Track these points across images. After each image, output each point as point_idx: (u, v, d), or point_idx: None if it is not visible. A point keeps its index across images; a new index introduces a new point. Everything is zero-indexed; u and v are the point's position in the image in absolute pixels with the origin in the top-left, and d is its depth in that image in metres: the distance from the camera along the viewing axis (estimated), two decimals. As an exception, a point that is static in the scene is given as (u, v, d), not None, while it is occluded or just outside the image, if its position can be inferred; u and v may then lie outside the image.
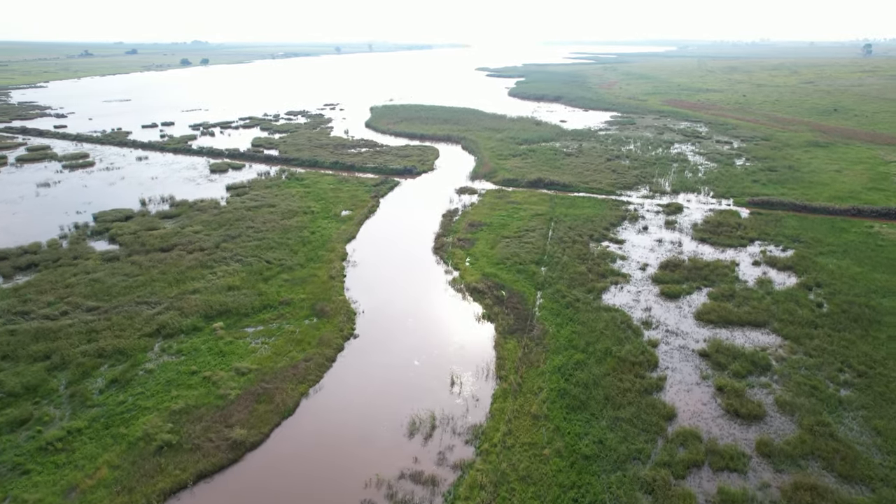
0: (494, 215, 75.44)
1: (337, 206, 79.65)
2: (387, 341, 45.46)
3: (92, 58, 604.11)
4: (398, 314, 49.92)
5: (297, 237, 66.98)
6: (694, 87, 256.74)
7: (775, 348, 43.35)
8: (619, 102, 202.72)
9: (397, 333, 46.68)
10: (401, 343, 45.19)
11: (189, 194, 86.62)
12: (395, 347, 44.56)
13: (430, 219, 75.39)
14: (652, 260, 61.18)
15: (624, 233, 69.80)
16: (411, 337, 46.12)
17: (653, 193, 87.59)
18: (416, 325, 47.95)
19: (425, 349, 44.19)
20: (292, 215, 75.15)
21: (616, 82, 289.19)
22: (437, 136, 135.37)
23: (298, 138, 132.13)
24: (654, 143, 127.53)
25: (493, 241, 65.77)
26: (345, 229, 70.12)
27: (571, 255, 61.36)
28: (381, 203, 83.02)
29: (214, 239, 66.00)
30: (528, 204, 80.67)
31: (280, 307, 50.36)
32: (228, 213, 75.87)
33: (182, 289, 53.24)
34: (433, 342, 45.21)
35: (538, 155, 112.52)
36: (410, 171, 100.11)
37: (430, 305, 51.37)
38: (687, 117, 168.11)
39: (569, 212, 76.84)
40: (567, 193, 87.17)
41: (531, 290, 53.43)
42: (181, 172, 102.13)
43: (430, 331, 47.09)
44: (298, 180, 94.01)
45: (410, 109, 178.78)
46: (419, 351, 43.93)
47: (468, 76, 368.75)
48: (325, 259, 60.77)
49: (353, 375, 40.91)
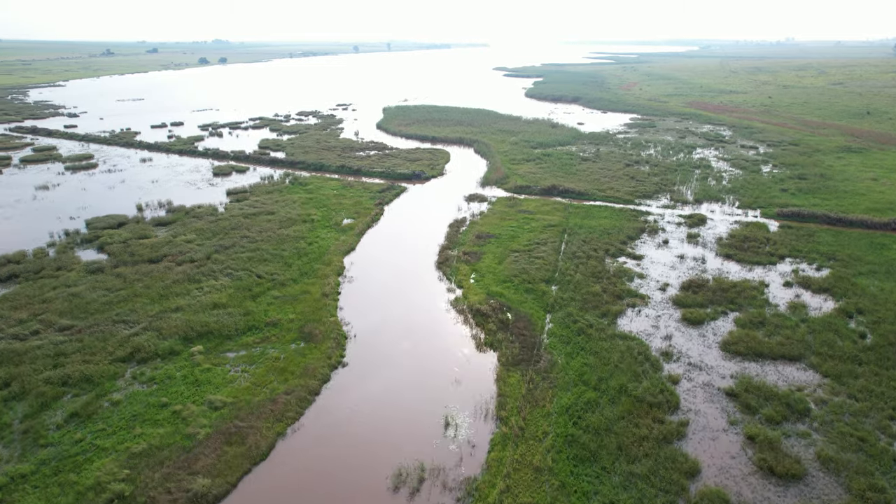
0: (504, 226, 71.01)
1: (339, 215, 75.82)
2: (377, 372, 41.34)
3: (113, 57, 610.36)
4: (393, 339, 45.78)
5: (293, 248, 63.22)
6: (717, 88, 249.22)
7: (814, 388, 38.40)
8: (638, 104, 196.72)
9: (390, 362, 42.54)
10: (393, 374, 41.05)
11: (187, 199, 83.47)
12: (385, 379, 40.42)
13: (435, 229, 71.22)
14: (673, 279, 56.30)
15: (643, 247, 64.91)
16: (405, 367, 41.96)
17: (674, 203, 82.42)
18: (411, 353, 43.78)
19: (419, 382, 39.99)
20: (291, 224, 71.48)
21: (636, 83, 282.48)
22: (450, 138, 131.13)
23: (307, 140, 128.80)
24: (675, 147, 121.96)
25: (501, 256, 61.37)
26: (344, 240, 66.22)
27: (585, 273, 56.71)
28: (386, 211, 79.00)
29: (206, 249, 62.50)
30: (541, 213, 76.07)
31: (266, 329, 46.54)
32: (225, 220, 72.43)
33: (164, 306, 49.69)
34: (428, 374, 40.98)
35: (553, 160, 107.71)
36: (419, 177, 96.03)
37: (428, 330, 47.15)
38: (710, 120, 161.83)
39: (584, 223, 72.12)
40: (582, 202, 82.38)
41: (540, 312, 48.97)
42: (183, 175, 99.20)
43: (426, 360, 42.87)
44: (302, 185, 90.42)
45: (423, 111, 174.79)
46: (412, 385, 39.75)
47: (485, 76, 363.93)
48: (320, 274, 56.89)
49: (337, 413, 36.85)
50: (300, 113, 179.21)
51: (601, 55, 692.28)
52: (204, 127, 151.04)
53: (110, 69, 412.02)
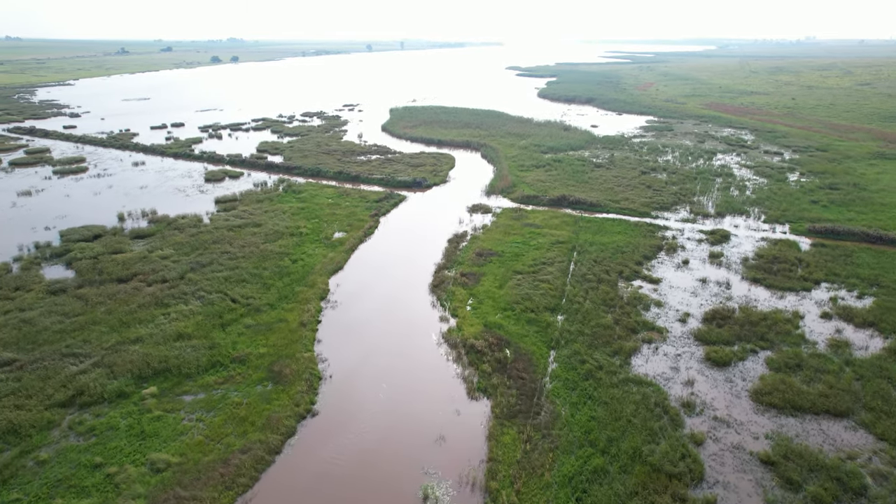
0: (508, 242, 65.14)
1: (330, 227, 70.42)
2: (351, 424, 35.77)
3: (128, 55, 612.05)
4: (373, 380, 40.19)
5: (274, 267, 57.88)
6: (737, 89, 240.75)
7: (868, 455, 32.20)
8: (655, 106, 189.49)
9: (366, 411, 36.94)
10: (368, 427, 35.44)
11: (173, 208, 78.59)
12: (359, 434, 34.82)
13: (433, 244, 65.55)
14: (694, 308, 50.13)
15: (660, 268, 58.72)
16: (383, 418, 36.33)
17: (694, 216, 75.98)
18: (392, 400, 38.15)
19: (398, 438, 34.36)
20: (277, 238, 66.19)
21: (652, 84, 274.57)
22: (456, 142, 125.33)
23: (307, 143, 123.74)
24: (694, 153, 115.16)
25: (502, 278, 55.54)
26: (332, 258, 60.76)
27: (595, 300, 50.71)
28: (382, 223, 73.47)
29: (181, 267, 57.37)
30: (549, 228, 70.08)
31: (232, 366, 41.19)
32: (207, 233, 67.34)
33: (123, 336, 44.55)
34: (410, 427, 35.32)
35: (564, 166, 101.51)
36: (419, 184, 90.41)
37: (414, 370, 41.48)
38: (730, 123, 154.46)
39: (595, 239, 66.03)
40: (594, 214, 76.23)
41: (543, 349, 43.12)
42: (174, 181, 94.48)
43: (409, 409, 37.23)
44: (295, 193, 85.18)
45: (431, 112, 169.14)
46: (390, 441, 34.12)
47: (498, 75, 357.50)
48: (301, 298, 51.46)
49: (297, 479, 31.33)
50: (304, 114, 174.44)
51: (617, 54, 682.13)
52: (204, 128, 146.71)
53: (122, 68, 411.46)
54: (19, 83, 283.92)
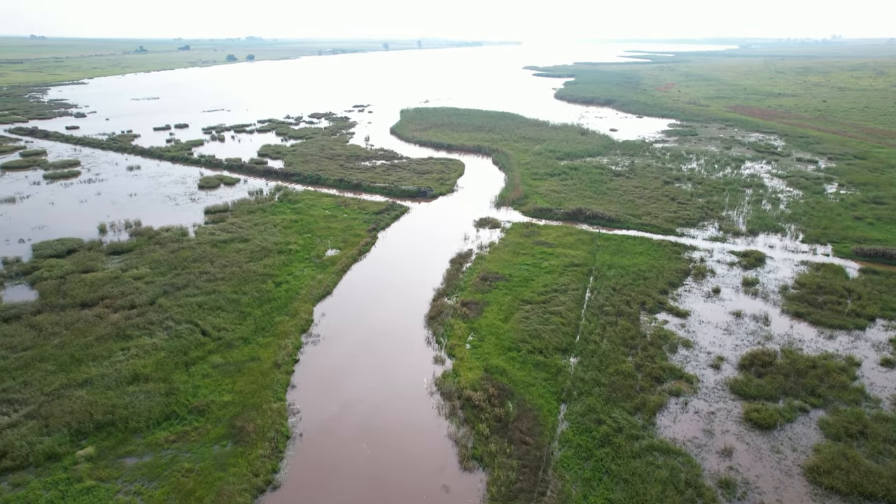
0: (517, 264, 58.76)
1: (323, 243, 64.61)
2: (317, 502, 29.76)
3: (145, 54, 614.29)
4: (350, 441, 34.14)
5: (255, 292, 52.15)
6: (763, 90, 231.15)
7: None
8: (677, 108, 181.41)
9: (338, 483, 30.92)
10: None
11: (158, 219, 73.40)
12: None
13: (433, 265, 59.41)
14: (728, 349, 43.40)
15: (688, 298, 51.94)
16: (357, 492, 30.27)
17: (723, 234, 68.90)
18: (369, 469, 32.06)
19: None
20: (263, 255, 60.51)
21: (674, 84, 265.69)
22: (466, 147, 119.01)
23: (311, 147, 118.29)
24: (720, 160, 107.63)
25: (508, 308, 49.21)
26: (320, 280, 54.87)
27: (614, 339, 44.19)
28: (380, 238, 67.47)
29: (154, 290, 51.91)
30: (563, 247, 63.55)
31: (189, 418, 35.46)
32: (189, 249, 61.89)
33: (71, 377, 39.07)
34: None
35: (581, 175, 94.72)
36: (424, 194, 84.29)
37: (400, 428, 35.35)
38: (757, 127, 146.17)
39: (614, 261, 59.38)
40: (613, 231, 69.54)
41: (552, 403, 36.77)
42: (166, 188, 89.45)
43: (389, 481, 31.12)
44: (291, 203, 79.56)
45: (443, 114, 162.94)
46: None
47: (514, 75, 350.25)
48: (280, 330, 45.63)
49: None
50: (313, 115, 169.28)
51: (637, 54, 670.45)
52: (208, 130, 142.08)
53: (138, 67, 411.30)
54: (35, 82, 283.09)
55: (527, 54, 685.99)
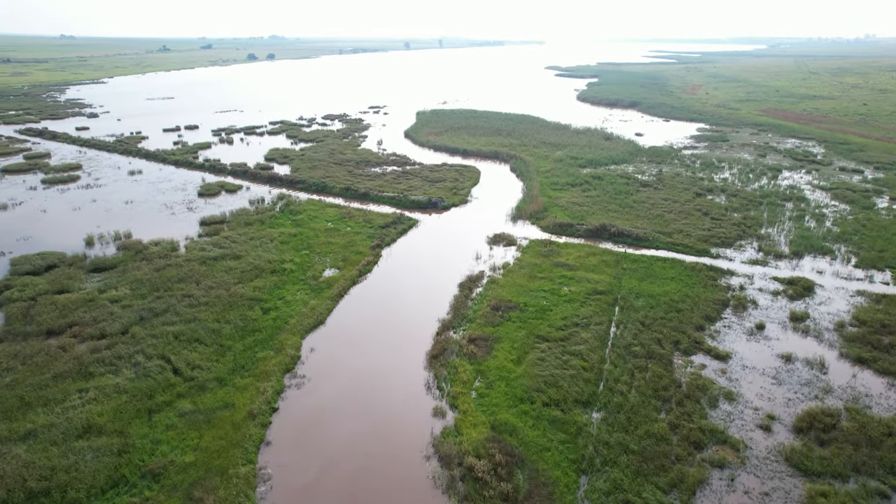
0: (533, 290, 52.66)
1: (321, 262, 59.20)
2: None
3: (168, 53, 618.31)
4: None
5: (240, 320, 46.88)
6: (796, 92, 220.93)
7: None
8: (706, 111, 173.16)
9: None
10: None
11: (150, 230, 68.80)
12: None
13: (440, 290, 53.61)
14: (779, 404, 36.89)
15: (728, 336, 45.40)
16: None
17: (764, 256, 61.97)
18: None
19: None
20: (255, 276, 55.28)
21: (701, 86, 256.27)
22: (483, 152, 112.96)
23: (320, 151, 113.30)
24: (755, 169, 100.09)
25: (522, 346, 43.21)
26: (314, 307, 49.41)
27: (644, 389, 37.95)
28: (383, 257, 61.86)
29: (129, 316, 46.98)
30: (585, 270, 57.25)
31: (141, 485, 30.18)
32: (175, 267, 56.94)
33: (14, 427, 34.07)
34: None
35: (605, 185, 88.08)
36: (435, 205, 78.52)
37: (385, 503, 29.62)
38: (793, 132, 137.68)
39: (643, 288, 52.96)
40: (641, 251, 63.06)
41: (570, 475, 30.73)
42: (164, 195, 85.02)
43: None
44: (292, 214, 74.40)
45: (460, 116, 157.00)
46: None
47: (536, 76, 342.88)
48: (261, 369, 40.23)
49: None
50: (326, 116, 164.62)
51: (661, 54, 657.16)
52: (217, 131, 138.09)
53: (158, 66, 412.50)
54: (55, 81, 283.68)
55: (549, 54, 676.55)
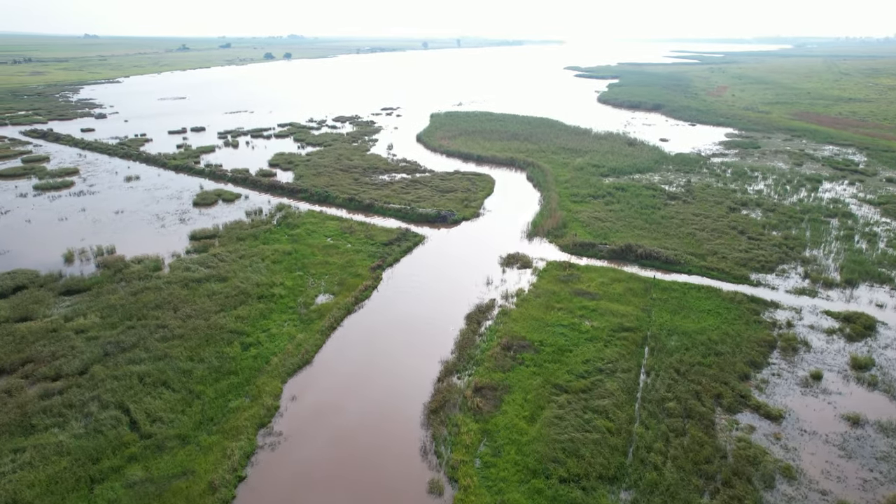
0: (550, 324, 46.40)
1: (315, 286, 53.50)
2: None
3: (187, 52, 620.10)
4: None
5: (216, 357, 41.31)
6: (829, 95, 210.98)
7: None
8: (733, 114, 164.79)
9: None
10: None
11: (136, 245, 63.76)
12: None
13: (445, 322, 47.60)
14: (852, 487, 30.28)
15: (778, 388, 38.73)
16: None
17: (811, 284, 54.96)
18: None
19: None
20: (239, 302, 49.72)
21: (726, 88, 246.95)
22: (498, 158, 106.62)
23: (327, 156, 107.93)
24: (791, 180, 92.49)
25: (536, 399, 37.02)
26: (301, 342, 43.68)
27: (682, 460, 31.53)
28: (384, 280, 55.95)
29: (93, 351, 41.70)
30: (609, 299, 50.81)
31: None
32: (154, 290, 51.65)
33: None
34: None
35: (629, 197, 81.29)
36: (444, 219, 72.50)
37: None
38: (830, 138, 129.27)
39: (676, 324, 46.42)
40: (671, 276, 56.42)
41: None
42: (158, 204, 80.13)
43: None
44: (289, 228, 68.91)
45: (476, 119, 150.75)
46: None
47: (555, 76, 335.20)
48: (232, 424, 34.53)
49: None
50: (337, 118, 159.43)
51: (683, 54, 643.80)
52: (223, 134, 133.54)
53: (175, 65, 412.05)
54: (72, 80, 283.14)
55: (568, 54, 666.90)
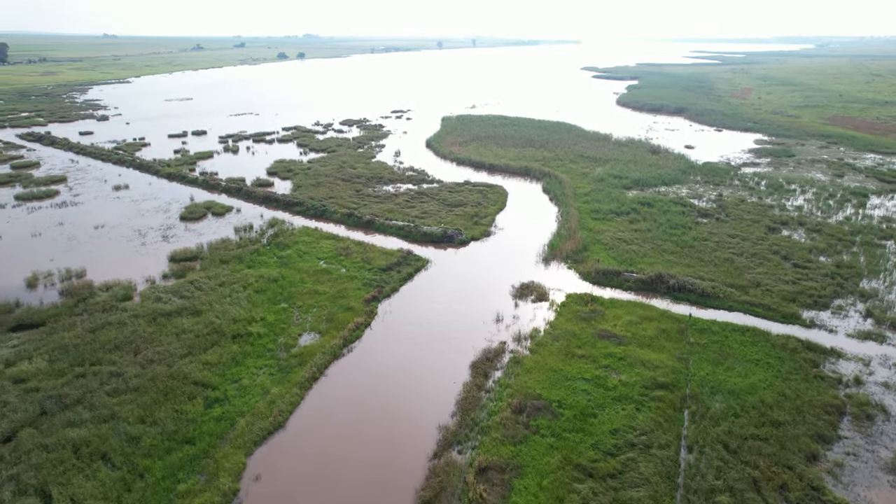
0: (571, 377, 39.20)
1: (300, 322, 46.76)
2: None
3: (201, 52, 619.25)
4: None
5: (173, 418, 34.67)
6: (862, 97, 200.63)
7: None
8: (761, 119, 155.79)
9: None
10: None
11: (108, 267, 57.54)
12: None
13: (445, 372, 40.59)
14: None
15: (858, 476, 31.19)
16: None
17: (876, 326, 47.14)
18: None
19: None
20: (211, 343, 43.10)
21: (751, 90, 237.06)
22: (511, 168, 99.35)
23: (329, 163, 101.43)
24: (834, 194, 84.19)
25: (554, 486, 29.88)
26: (275, 397, 36.89)
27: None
28: (379, 315, 49.01)
29: (28, 408, 35.27)
30: (638, 343, 43.45)
31: None
32: (117, 326, 45.26)
33: None
34: None
35: (656, 214, 73.65)
36: (451, 239, 65.49)
37: None
38: (870, 145, 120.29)
39: (720, 378, 38.98)
40: (710, 313, 48.89)
41: None
42: (143, 218, 74.10)
43: None
44: (279, 249, 62.33)
45: (489, 123, 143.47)
46: None
47: (572, 77, 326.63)
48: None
49: None
50: (344, 122, 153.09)
51: (703, 54, 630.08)
52: (224, 138, 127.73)
53: (187, 65, 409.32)
54: (82, 80, 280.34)
55: (585, 54, 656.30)
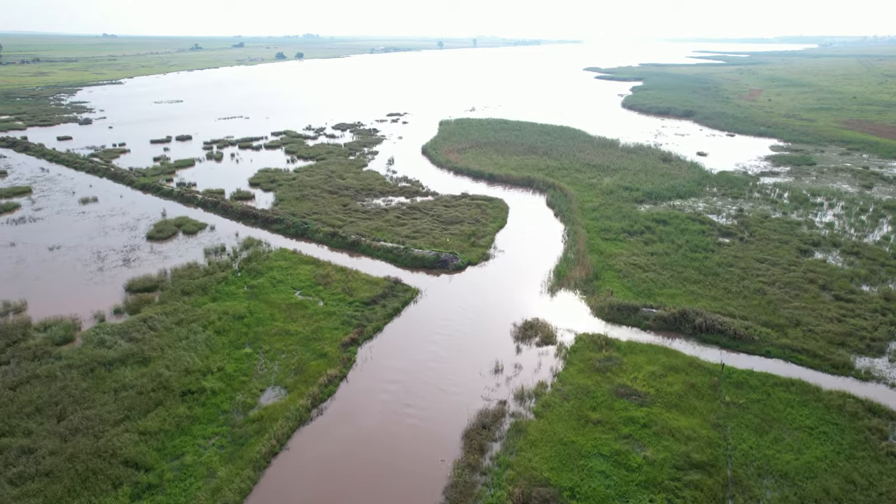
0: (585, 453, 32.02)
1: (265, 371, 39.61)
2: None
3: (199, 51, 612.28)
4: None
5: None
6: (878, 99, 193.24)
7: None
8: (774, 123, 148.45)
9: None
10: None
11: (54, 300, 50.46)
12: None
13: (432, 444, 33.41)
14: None
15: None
16: None
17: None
18: None
19: None
20: (155, 404, 35.97)
21: (760, 91, 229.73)
22: (513, 178, 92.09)
23: (317, 173, 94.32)
24: (865, 208, 77.00)
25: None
26: (221, 483, 29.59)
27: None
28: (357, 363, 41.84)
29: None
30: (664, 403, 36.25)
31: None
32: (47, 379, 38.15)
33: None
34: None
35: (673, 233, 66.44)
36: (445, 264, 58.32)
37: None
38: (895, 152, 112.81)
39: (766, 453, 31.82)
40: (743, 358, 41.67)
41: None
42: (106, 237, 67.03)
43: None
44: (251, 276, 55.20)
45: (489, 127, 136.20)
46: None
47: (574, 78, 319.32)
48: None
49: None
50: (337, 126, 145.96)
51: (707, 54, 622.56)
52: (209, 144, 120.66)
53: (183, 65, 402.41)
54: (72, 81, 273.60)
55: (588, 54, 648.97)
